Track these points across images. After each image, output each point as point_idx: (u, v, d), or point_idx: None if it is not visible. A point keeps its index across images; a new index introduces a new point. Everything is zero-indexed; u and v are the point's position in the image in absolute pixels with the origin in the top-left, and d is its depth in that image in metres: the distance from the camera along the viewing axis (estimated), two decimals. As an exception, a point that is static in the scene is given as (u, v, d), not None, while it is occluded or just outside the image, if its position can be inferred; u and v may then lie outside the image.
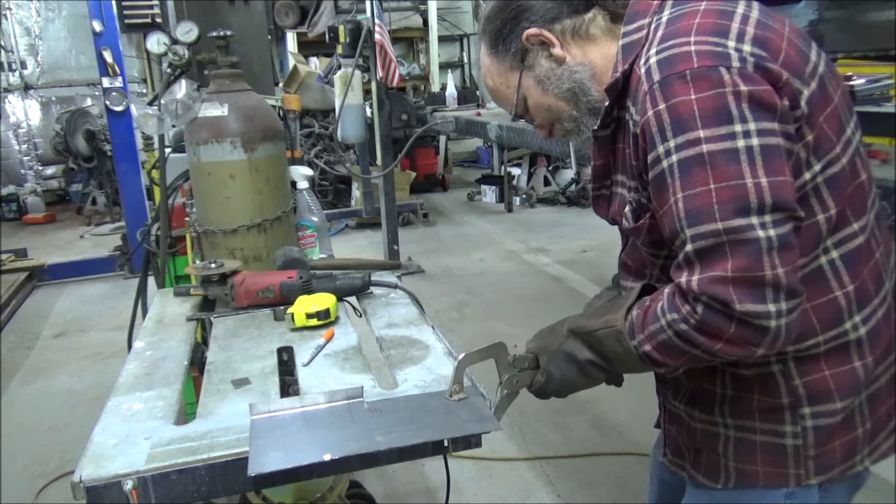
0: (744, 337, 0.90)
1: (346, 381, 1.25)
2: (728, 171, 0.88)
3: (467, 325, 4.27)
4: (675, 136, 0.91)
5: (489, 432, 1.08)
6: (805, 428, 1.04)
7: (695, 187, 0.90)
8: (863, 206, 1.02)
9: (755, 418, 1.08)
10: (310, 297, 1.56)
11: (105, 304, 4.95)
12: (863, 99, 2.45)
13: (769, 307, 0.87)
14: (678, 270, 0.95)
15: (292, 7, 4.75)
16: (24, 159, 8.35)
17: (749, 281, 0.87)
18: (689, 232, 0.91)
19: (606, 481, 2.65)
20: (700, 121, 0.89)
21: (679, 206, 0.92)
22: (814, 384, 1.03)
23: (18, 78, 8.14)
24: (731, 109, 0.89)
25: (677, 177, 0.91)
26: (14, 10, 8.00)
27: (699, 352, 0.94)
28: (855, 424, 1.06)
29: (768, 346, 0.90)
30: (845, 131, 1.00)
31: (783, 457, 1.06)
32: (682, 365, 1.00)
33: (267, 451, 1.01)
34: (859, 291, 1.02)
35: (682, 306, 0.93)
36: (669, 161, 0.92)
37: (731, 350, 0.91)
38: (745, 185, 0.87)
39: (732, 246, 0.88)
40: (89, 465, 1.01)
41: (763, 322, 0.88)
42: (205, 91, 1.85)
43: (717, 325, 0.90)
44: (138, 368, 1.36)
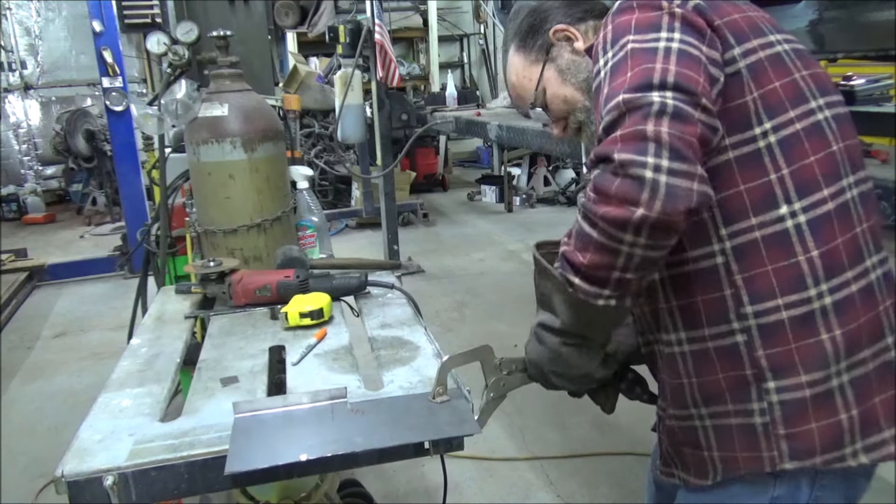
0: (624, 191, 0.89)
1: (333, 382, 1.25)
2: (644, 59, 0.95)
3: (467, 325, 4.27)
4: (613, 47, 1.00)
5: (470, 435, 1.08)
6: (771, 403, 1.03)
7: (616, 79, 0.97)
8: (835, 175, 1.03)
9: (726, 400, 1.07)
10: (304, 296, 1.56)
11: (105, 304, 4.95)
12: (863, 99, 2.45)
13: (647, 158, 0.88)
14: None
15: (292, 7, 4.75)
16: (24, 159, 8.35)
17: (632, 135, 0.90)
18: (602, 114, 0.95)
19: (606, 481, 2.65)
20: (634, 29, 0.99)
21: (602, 99, 0.98)
22: (777, 356, 1.02)
23: (18, 78, 8.13)
24: (663, 24, 0.99)
25: (607, 77, 0.99)
26: (14, 10, 7.99)
27: (597, 231, 0.93)
28: (835, 407, 1.02)
29: (647, 203, 0.88)
30: (808, 103, 1.04)
31: (755, 438, 1.05)
32: (590, 261, 0.96)
33: (246, 449, 1.02)
34: (827, 259, 1.01)
35: (589, 184, 0.96)
36: (606, 70, 1.00)
37: (616, 212, 0.90)
38: (653, 68, 0.94)
39: (629, 113, 0.92)
40: (72, 460, 1.02)
41: (639, 171, 0.88)
42: (205, 91, 1.85)
43: (604, 184, 0.91)
44: (132, 365, 1.37)
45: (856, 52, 2.02)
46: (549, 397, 1.32)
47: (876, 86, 2.49)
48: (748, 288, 1.02)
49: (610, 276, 0.96)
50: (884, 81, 2.51)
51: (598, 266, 0.96)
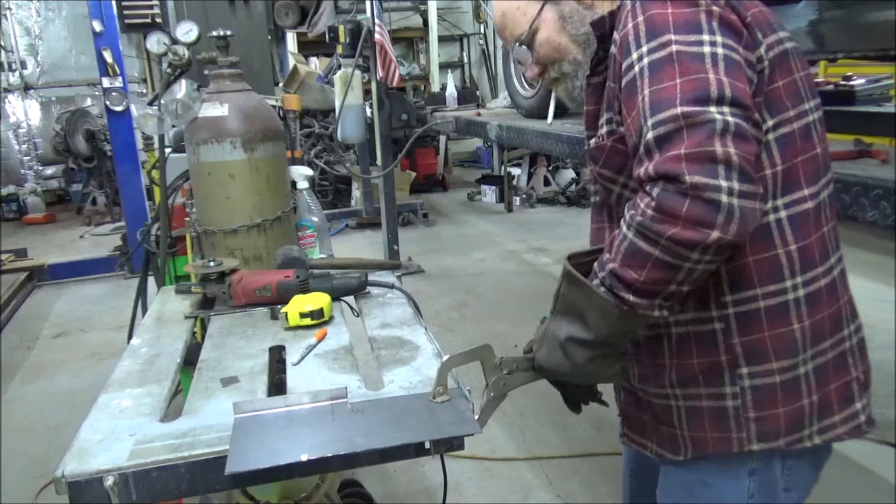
0: (697, 214, 0.89)
1: (333, 382, 1.25)
2: (693, 68, 0.93)
3: (467, 325, 4.27)
4: (649, 41, 0.97)
5: (471, 435, 1.08)
6: (743, 388, 1.08)
7: (662, 82, 0.94)
8: (815, 175, 1.07)
9: (699, 383, 1.11)
10: (305, 296, 1.56)
11: (105, 304, 4.95)
12: (863, 99, 2.45)
13: (720, 182, 0.88)
14: (639, 166, 0.96)
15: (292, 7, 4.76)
16: (24, 159, 8.34)
17: (700, 156, 0.89)
18: (650, 121, 0.93)
19: (606, 481, 2.65)
20: (673, 27, 0.96)
21: (645, 101, 0.95)
22: (752, 343, 1.07)
23: (18, 78, 8.13)
24: (702, 23, 0.96)
25: (647, 76, 0.96)
26: (14, 10, 7.99)
27: (659, 249, 0.93)
28: (800, 393, 1.09)
29: (722, 226, 0.89)
30: (803, 104, 1.06)
31: (726, 420, 1.10)
32: (646, 278, 0.96)
33: (246, 450, 1.01)
34: (803, 254, 1.06)
35: (642, 199, 0.94)
36: (641, 64, 0.97)
37: (687, 234, 0.90)
38: (707, 79, 0.92)
39: (689, 129, 0.90)
40: (73, 460, 1.01)
41: (714, 195, 0.88)
42: (205, 91, 1.85)
43: (671, 205, 0.90)
44: (132, 365, 1.37)
45: (856, 52, 2.02)
46: (549, 397, 1.32)
47: (876, 86, 2.49)
48: (730, 277, 1.06)
49: (665, 290, 0.97)
50: (884, 81, 2.51)
51: (654, 282, 0.96)
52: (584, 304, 1.03)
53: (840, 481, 2.55)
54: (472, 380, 1.19)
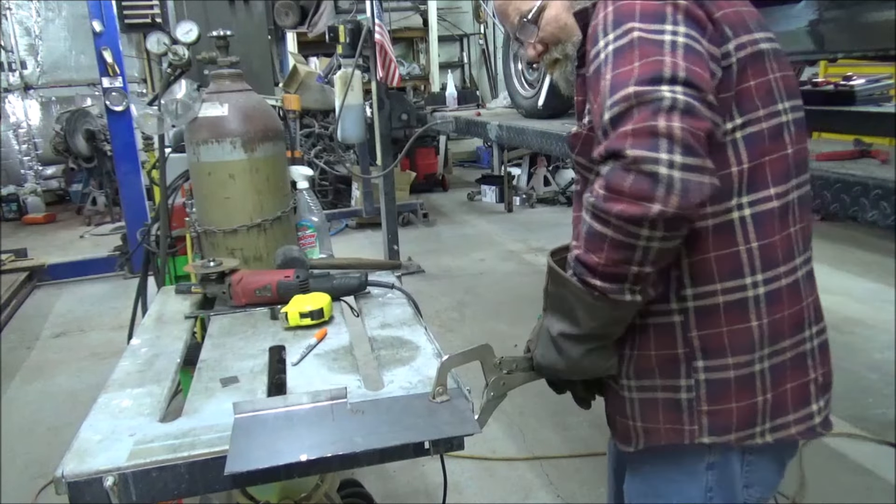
0: (637, 188, 0.90)
1: (333, 382, 1.25)
2: (651, 52, 0.95)
3: (467, 325, 4.27)
4: (615, 30, 1.00)
5: (470, 435, 1.08)
6: (698, 381, 1.09)
7: (621, 67, 0.97)
8: (783, 176, 1.08)
9: (655, 375, 1.13)
10: (305, 296, 1.56)
11: (105, 304, 4.94)
12: (863, 99, 2.45)
13: (660, 155, 0.89)
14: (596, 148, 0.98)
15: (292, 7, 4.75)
16: (24, 159, 8.35)
17: (644, 131, 0.90)
18: (607, 103, 0.95)
19: (606, 481, 2.65)
20: (638, 16, 0.99)
21: (606, 85, 0.97)
22: (710, 338, 1.08)
23: (18, 78, 8.13)
24: (667, 14, 0.99)
25: (609, 62, 0.99)
26: (14, 10, 8.00)
27: (611, 229, 0.94)
28: (754, 390, 1.09)
29: (663, 199, 0.89)
30: (776, 105, 1.07)
31: (679, 412, 1.12)
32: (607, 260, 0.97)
33: (246, 450, 1.01)
34: (765, 252, 1.06)
35: (596, 181, 0.96)
36: (606, 52, 1.00)
37: (631, 210, 0.91)
38: (662, 61, 0.94)
39: (638, 107, 0.92)
40: (72, 460, 1.02)
41: (652, 167, 0.89)
42: (205, 91, 1.85)
43: (616, 181, 0.92)
44: (132, 365, 1.37)
45: (856, 52, 2.02)
46: (549, 397, 1.32)
47: (876, 86, 2.49)
48: (691, 271, 1.07)
49: (628, 272, 0.98)
50: (884, 81, 2.51)
51: (614, 263, 0.97)
52: (570, 298, 1.04)
53: (840, 481, 2.56)
54: (472, 380, 1.19)
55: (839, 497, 2.45)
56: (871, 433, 2.81)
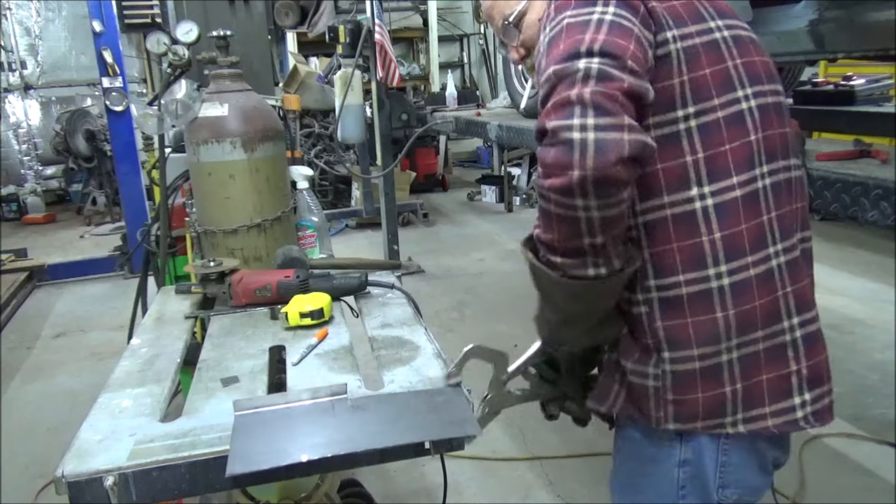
0: (556, 158, 0.92)
1: (333, 381, 1.25)
2: (575, 31, 0.98)
3: (467, 325, 4.27)
4: (550, 22, 1.04)
5: (471, 437, 1.08)
6: (664, 371, 1.10)
7: (551, 52, 0.99)
8: (746, 163, 1.07)
9: (628, 358, 1.14)
10: (305, 296, 1.56)
11: (105, 304, 4.94)
12: (863, 99, 2.45)
13: (573, 121, 0.91)
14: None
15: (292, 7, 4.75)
16: (24, 159, 8.34)
17: (559, 104, 0.93)
18: (538, 86, 0.98)
19: (606, 481, 2.64)
20: (572, 7, 1.02)
21: (541, 73, 1.00)
22: (674, 329, 1.08)
23: (18, 78, 8.13)
24: (597, 2, 1.01)
25: (545, 52, 1.02)
26: (14, 10, 7.99)
27: (552, 204, 0.95)
28: (721, 380, 1.08)
29: (579, 163, 0.90)
30: (734, 92, 1.07)
31: (647, 398, 1.12)
32: (559, 235, 0.98)
33: (247, 450, 1.01)
34: (728, 242, 1.05)
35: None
36: (543, 44, 1.04)
37: (556, 181, 0.92)
38: (582, 39, 0.97)
39: (559, 84, 0.95)
40: (73, 460, 1.01)
41: (566, 134, 0.91)
42: (205, 91, 1.85)
43: (543, 156, 0.94)
44: (132, 365, 1.37)
45: (856, 52, 2.02)
46: (549, 397, 1.32)
47: (876, 86, 2.49)
48: (654, 262, 1.08)
49: (582, 245, 0.98)
50: (884, 81, 2.51)
51: (567, 237, 0.98)
52: (546, 286, 1.05)
53: (840, 481, 2.55)
54: (471, 380, 1.20)
55: (839, 497, 2.45)
56: (871, 433, 2.81)
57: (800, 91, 2.75)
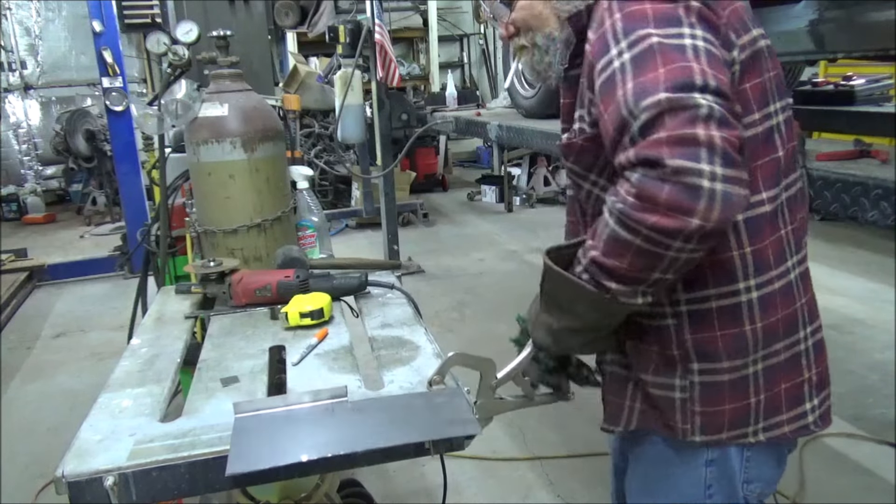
0: (677, 200, 0.86)
1: (333, 382, 1.25)
2: (675, 57, 0.92)
3: (467, 325, 4.27)
4: (627, 37, 0.95)
5: (471, 436, 1.08)
6: (693, 382, 1.10)
7: (645, 74, 0.92)
8: (774, 179, 1.07)
9: (650, 371, 1.13)
10: (305, 296, 1.56)
11: (105, 304, 4.94)
12: (863, 99, 2.45)
13: (702, 165, 0.85)
14: (620, 153, 0.94)
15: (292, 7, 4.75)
16: (24, 159, 8.34)
17: (682, 139, 0.86)
18: (634, 110, 0.91)
19: (606, 481, 2.64)
20: (652, 21, 0.95)
21: (627, 93, 0.93)
22: (703, 342, 1.08)
23: (18, 78, 8.13)
24: (682, 17, 0.95)
25: (629, 70, 0.94)
26: (14, 10, 7.99)
27: (641, 238, 0.91)
28: (747, 392, 1.10)
29: (704, 213, 0.86)
30: (769, 106, 1.06)
31: (672, 410, 1.12)
32: (629, 266, 0.94)
33: (247, 450, 1.01)
34: (757, 256, 1.06)
35: (622, 186, 0.92)
36: (621, 60, 0.95)
37: (668, 222, 0.87)
38: (690, 67, 0.91)
39: (671, 113, 0.88)
40: (73, 460, 1.01)
41: (695, 180, 0.85)
42: (205, 91, 1.85)
43: (651, 190, 0.88)
44: (132, 365, 1.37)
45: (856, 52, 2.02)
46: (549, 397, 1.32)
47: (876, 86, 2.49)
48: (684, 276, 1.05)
49: (649, 277, 0.96)
50: (884, 81, 2.51)
51: (638, 270, 0.95)
52: (570, 295, 1.02)
53: (840, 481, 2.56)
54: (471, 381, 1.19)
55: (839, 497, 2.45)
56: (871, 433, 2.81)
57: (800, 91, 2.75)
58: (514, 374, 1.14)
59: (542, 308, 1.09)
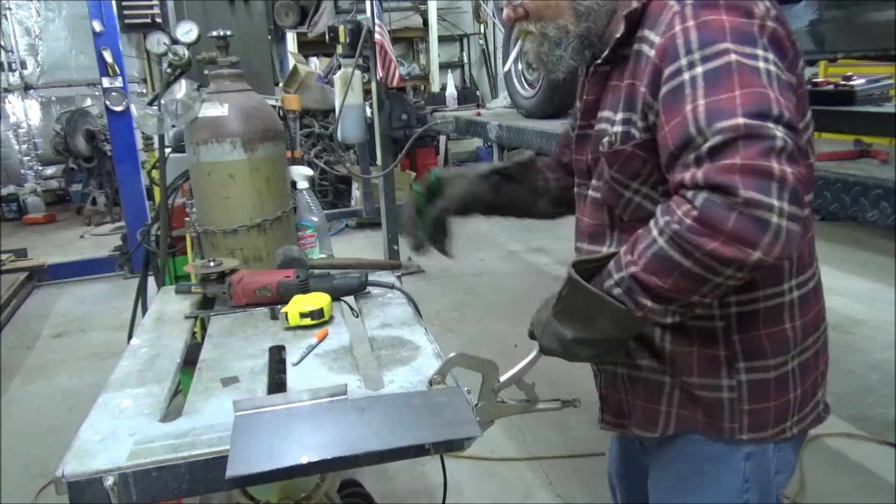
0: (743, 231, 0.85)
1: (333, 382, 1.25)
2: (752, 81, 0.90)
3: (467, 325, 4.27)
4: (703, 48, 0.93)
5: (472, 438, 1.07)
6: (740, 382, 1.12)
7: (720, 93, 0.90)
8: (812, 184, 1.12)
9: (694, 373, 1.13)
10: (305, 296, 1.56)
11: (105, 304, 4.94)
12: (863, 99, 2.45)
13: (773, 200, 0.85)
14: (682, 171, 0.92)
15: (292, 7, 4.75)
16: (24, 159, 8.35)
17: (757, 170, 0.85)
18: (706, 130, 0.89)
19: (606, 481, 2.65)
20: (730, 37, 0.93)
21: (699, 110, 0.91)
22: (750, 341, 1.10)
23: (18, 78, 8.13)
24: (756, 37, 0.94)
25: (701, 85, 0.92)
26: (14, 10, 7.99)
27: (691, 261, 0.89)
28: (788, 388, 1.14)
29: (766, 247, 0.85)
30: (806, 116, 1.09)
31: (720, 410, 1.13)
32: (671, 286, 0.93)
33: (247, 451, 1.01)
34: (799, 257, 1.11)
35: (680, 206, 0.90)
36: (693, 72, 0.93)
37: (728, 251, 0.86)
38: (768, 95, 0.90)
39: (747, 140, 0.87)
40: (73, 460, 1.01)
41: (764, 214, 0.85)
42: (205, 91, 1.85)
43: (717, 217, 0.86)
44: (132, 365, 1.37)
45: (856, 52, 2.02)
46: (549, 397, 1.32)
47: (876, 86, 2.49)
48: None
49: (688, 299, 0.95)
50: (884, 81, 2.51)
51: (678, 291, 0.94)
52: (593, 309, 1.00)
53: (840, 481, 2.55)
54: (471, 381, 1.19)
55: (839, 497, 2.45)
56: (871, 433, 2.81)
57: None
58: (517, 377, 1.14)
59: (555, 317, 1.06)
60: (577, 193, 1.26)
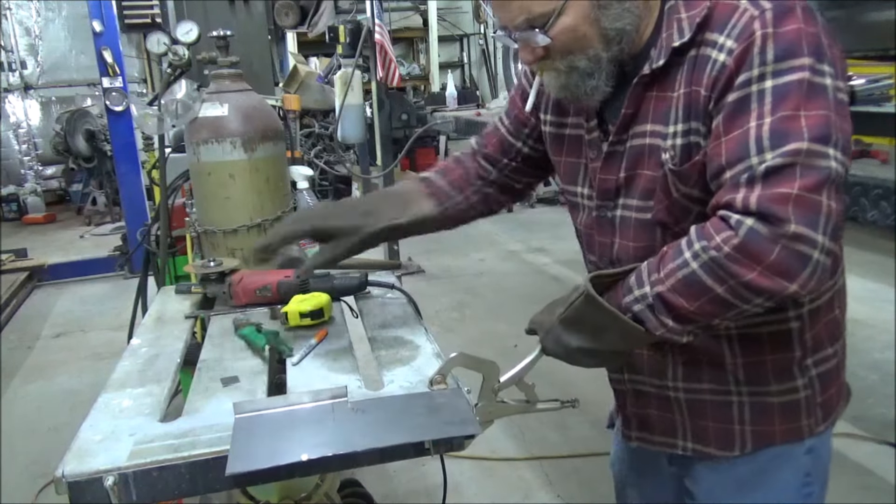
0: (783, 264, 0.85)
1: (333, 382, 1.25)
2: (820, 102, 0.89)
3: (467, 325, 4.27)
4: (777, 61, 0.90)
5: (471, 436, 1.07)
6: (811, 377, 1.12)
7: (786, 110, 0.88)
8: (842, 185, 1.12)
9: (770, 381, 1.11)
10: (304, 296, 1.56)
11: (105, 304, 4.94)
12: (863, 99, 2.45)
13: (818, 237, 0.85)
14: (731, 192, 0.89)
15: (292, 7, 4.75)
16: (24, 159, 8.34)
17: (809, 204, 0.85)
18: (767, 150, 0.87)
19: (606, 481, 2.63)
20: (807, 51, 0.90)
21: (763, 127, 0.88)
22: (817, 334, 1.11)
23: (18, 78, 8.13)
24: (825, 48, 0.92)
25: (769, 101, 0.89)
26: (14, 10, 7.99)
27: (724, 288, 0.88)
28: (840, 373, 1.17)
29: (804, 282, 0.85)
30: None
31: (798, 411, 1.12)
32: (697, 309, 0.91)
33: (247, 450, 1.01)
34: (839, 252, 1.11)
35: (720, 232, 0.88)
36: (762, 86, 0.90)
37: (764, 283, 0.85)
38: (830, 117, 0.88)
39: (805, 168, 0.86)
40: (73, 460, 1.01)
41: (808, 250, 0.85)
42: (205, 91, 1.85)
43: (759, 248, 0.85)
44: (132, 365, 1.36)
45: (856, 52, 2.02)
46: (549, 396, 1.32)
47: (876, 86, 2.49)
48: None
49: (710, 321, 0.94)
50: (884, 81, 2.50)
51: (703, 314, 0.92)
52: (605, 324, 0.98)
53: (840, 481, 2.55)
54: (471, 381, 1.19)
55: (839, 497, 2.44)
56: (871, 433, 2.80)
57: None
58: (517, 378, 1.14)
59: (562, 324, 1.04)
60: (599, 216, 1.16)
